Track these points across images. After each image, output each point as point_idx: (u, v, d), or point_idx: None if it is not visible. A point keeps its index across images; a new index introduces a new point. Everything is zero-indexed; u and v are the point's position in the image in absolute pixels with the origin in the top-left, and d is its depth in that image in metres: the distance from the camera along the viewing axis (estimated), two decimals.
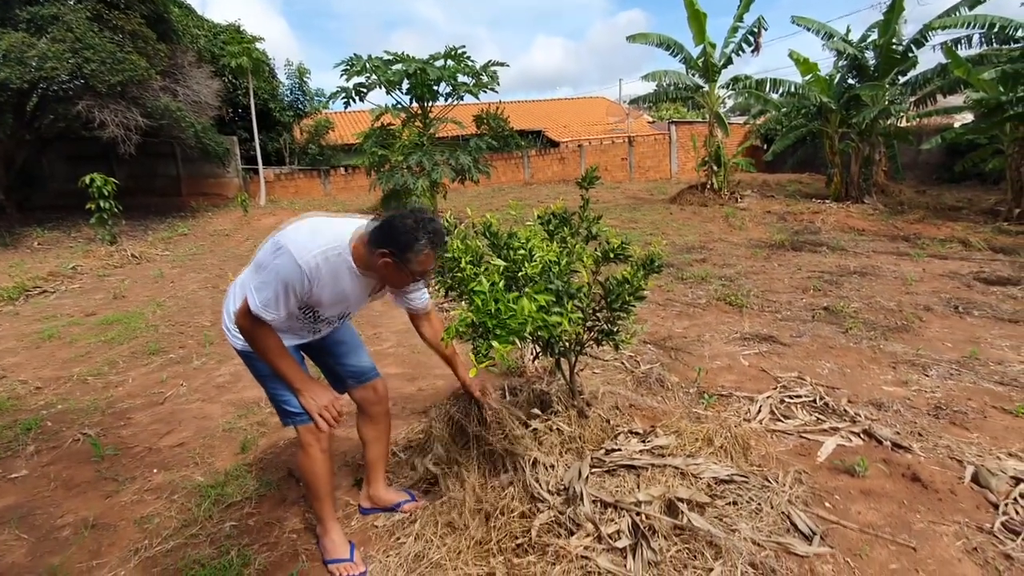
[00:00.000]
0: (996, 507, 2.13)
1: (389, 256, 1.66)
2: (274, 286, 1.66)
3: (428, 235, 1.66)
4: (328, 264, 1.70)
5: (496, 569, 1.80)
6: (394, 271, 1.70)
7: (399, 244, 1.65)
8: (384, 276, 1.76)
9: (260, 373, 1.90)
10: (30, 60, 9.78)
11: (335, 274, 1.73)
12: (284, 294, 1.67)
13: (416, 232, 1.65)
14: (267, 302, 1.67)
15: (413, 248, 1.65)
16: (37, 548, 2.19)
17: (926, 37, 10.76)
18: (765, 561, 1.83)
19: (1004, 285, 5.51)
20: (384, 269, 1.70)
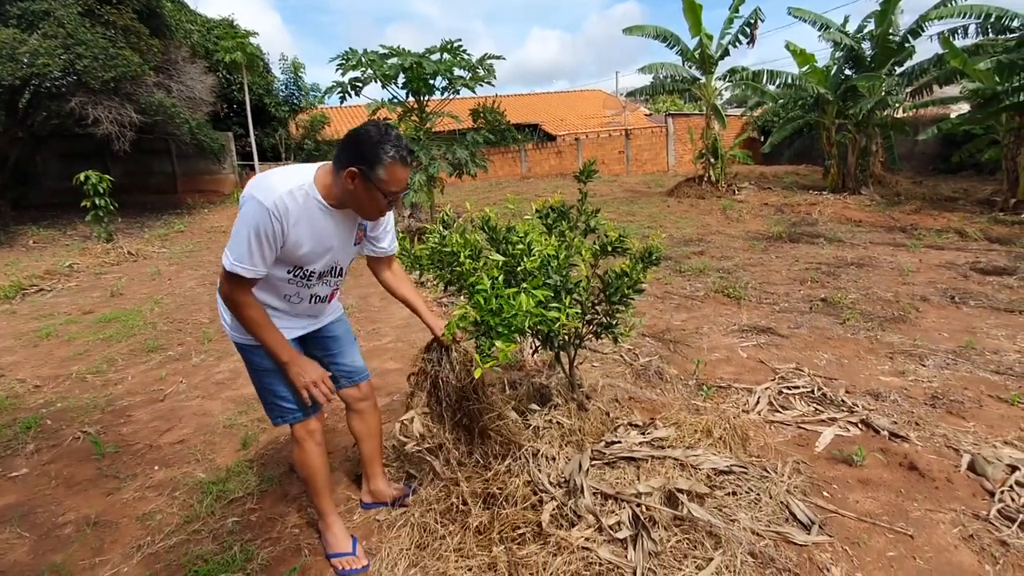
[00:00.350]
0: (992, 495, 2.15)
1: (357, 172, 1.58)
2: (245, 236, 1.57)
3: (394, 145, 1.58)
4: (296, 202, 1.61)
5: (498, 559, 1.81)
6: (363, 190, 1.61)
7: (365, 156, 1.57)
8: (354, 201, 1.66)
9: (256, 367, 1.84)
10: (21, 56, 9.69)
11: (307, 214, 1.64)
12: (257, 242, 1.57)
13: (381, 142, 1.57)
14: (240, 256, 1.58)
15: (380, 159, 1.57)
16: (39, 546, 2.20)
17: (922, 27, 10.75)
18: (764, 550, 1.84)
19: (1000, 275, 5.53)
20: (353, 191, 1.62)
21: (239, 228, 1.59)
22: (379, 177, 1.59)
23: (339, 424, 3.01)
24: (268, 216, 1.56)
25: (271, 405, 1.89)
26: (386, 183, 1.61)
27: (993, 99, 9.25)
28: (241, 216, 1.59)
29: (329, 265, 1.82)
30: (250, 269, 1.60)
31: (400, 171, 1.62)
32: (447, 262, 2.24)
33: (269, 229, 1.58)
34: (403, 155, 1.61)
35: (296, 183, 1.63)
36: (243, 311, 1.67)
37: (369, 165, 1.58)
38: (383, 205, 1.67)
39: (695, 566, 1.76)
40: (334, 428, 3.00)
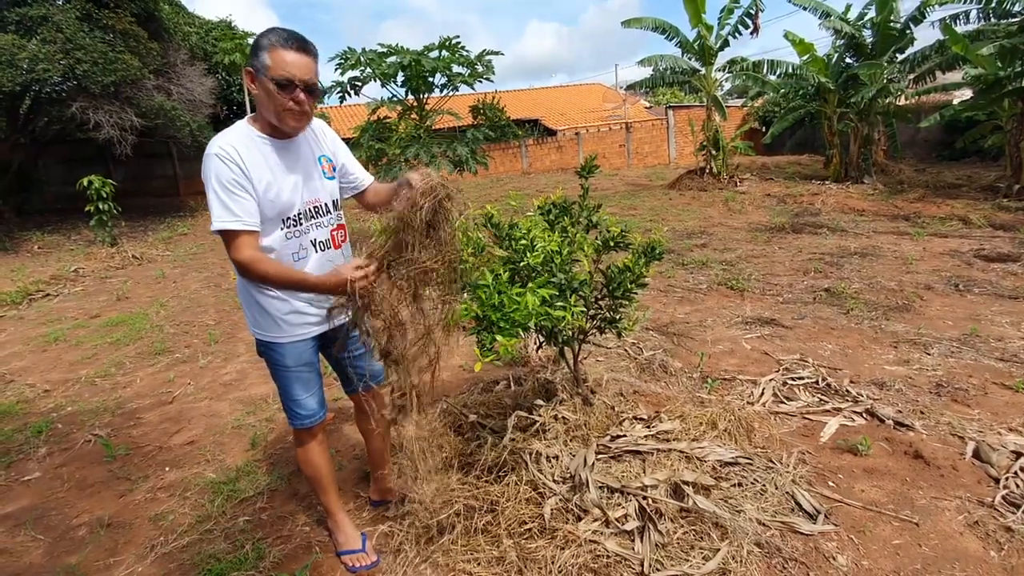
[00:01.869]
0: (997, 481, 2.16)
1: (250, 70, 1.58)
2: (212, 191, 1.57)
3: (276, 33, 1.58)
4: (240, 142, 1.61)
5: (507, 554, 1.83)
6: (262, 90, 1.59)
7: (252, 54, 1.59)
8: (265, 108, 1.62)
9: (275, 364, 1.86)
10: (21, 62, 9.72)
11: (256, 151, 1.64)
12: (225, 191, 1.56)
13: (265, 35, 1.58)
14: (218, 213, 1.56)
15: (262, 47, 1.56)
16: (54, 548, 2.23)
17: (924, 14, 10.67)
18: (771, 540, 1.86)
19: (1004, 262, 5.51)
20: (258, 95, 1.60)
21: (207, 189, 1.58)
22: (265, 65, 1.56)
23: (347, 423, 3.04)
24: (220, 161, 1.56)
25: (285, 406, 1.93)
26: (272, 68, 1.55)
27: (996, 84, 9.18)
28: (204, 180, 1.59)
29: (308, 202, 1.76)
30: (235, 220, 1.57)
31: (285, 54, 1.56)
32: None
33: (227, 173, 1.56)
34: (285, 38, 1.57)
35: (234, 130, 1.66)
36: (258, 268, 1.59)
37: (255, 57, 1.57)
38: (287, 100, 1.59)
39: (702, 557, 1.78)
40: (340, 428, 3.03)
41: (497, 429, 2.47)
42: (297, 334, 1.82)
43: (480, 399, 2.82)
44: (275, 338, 1.80)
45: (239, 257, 1.59)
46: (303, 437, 1.95)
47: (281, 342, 1.81)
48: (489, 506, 2.04)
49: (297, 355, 1.84)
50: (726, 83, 12.84)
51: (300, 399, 1.88)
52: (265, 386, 3.66)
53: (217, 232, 1.58)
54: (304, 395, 1.88)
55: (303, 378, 1.88)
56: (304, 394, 1.88)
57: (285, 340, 1.81)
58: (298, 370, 1.86)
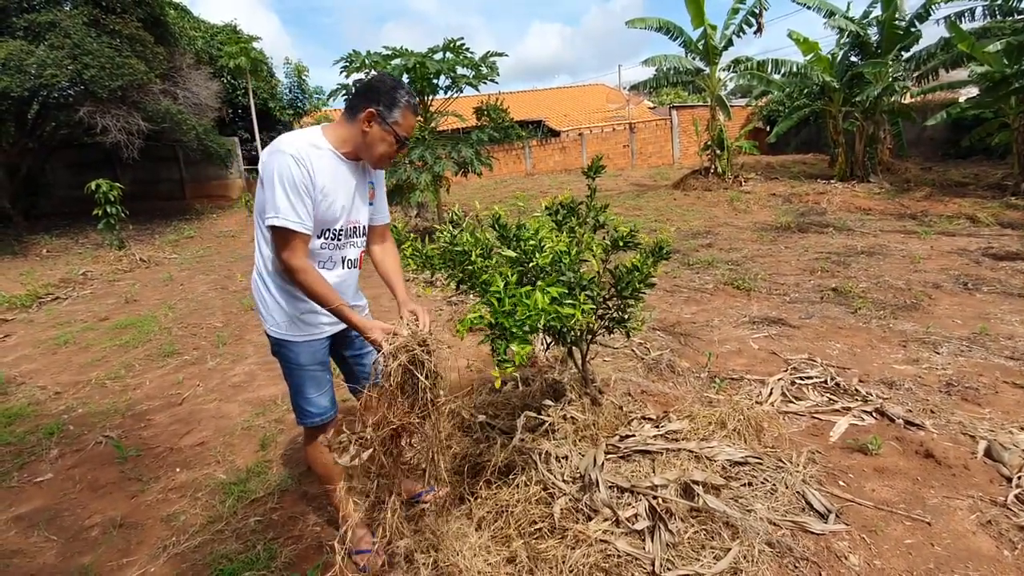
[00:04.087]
0: (1009, 480, 2.15)
1: (375, 112, 1.68)
2: (280, 189, 1.62)
3: (407, 92, 1.71)
4: (316, 151, 1.69)
5: (518, 553, 1.84)
6: (378, 133, 1.71)
7: (382, 99, 1.69)
8: (367, 146, 1.74)
9: (289, 362, 1.89)
10: (29, 68, 9.80)
11: (327, 162, 1.71)
12: (294, 192, 1.62)
13: (397, 88, 1.71)
14: (282, 209, 1.61)
15: (396, 102, 1.69)
16: (67, 548, 2.25)
17: (929, 11, 10.62)
18: (782, 540, 1.86)
19: (1013, 260, 5.48)
20: (369, 133, 1.71)
21: (272, 184, 1.63)
22: (395, 119, 1.71)
23: (352, 423, 3.04)
24: (295, 162, 1.63)
25: (296, 405, 1.95)
26: (400, 126, 1.71)
27: (1002, 82, 9.12)
28: (269, 174, 1.64)
29: (351, 222, 1.86)
30: (296, 222, 1.63)
31: (411, 118, 1.74)
32: (458, 261, 2.26)
33: (299, 175, 1.63)
34: (414, 103, 1.74)
35: (309, 137, 1.72)
36: (306, 277, 1.68)
37: (387, 107, 1.69)
38: (393, 151, 1.77)
39: (713, 556, 1.78)
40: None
41: (506, 429, 2.48)
42: (312, 333, 1.87)
43: (488, 399, 2.82)
44: (291, 336, 1.84)
45: (294, 261, 1.67)
46: (313, 436, 1.97)
47: (297, 340, 1.85)
48: (499, 508, 2.04)
49: (311, 354, 1.88)
50: (730, 82, 12.85)
51: (312, 397, 1.92)
52: (274, 387, 3.68)
53: (275, 228, 1.64)
54: (316, 394, 1.92)
55: (316, 377, 1.91)
56: (316, 393, 1.92)
57: (300, 339, 1.85)
58: (312, 369, 1.89)
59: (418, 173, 7.82)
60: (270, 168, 1.64)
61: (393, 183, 8.18)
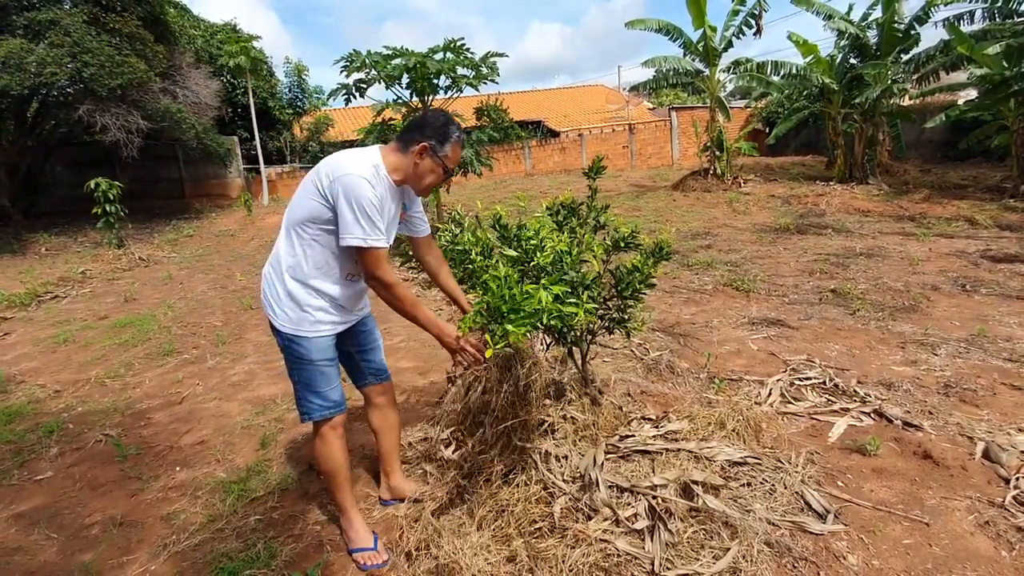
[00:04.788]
0: (1007, 481, 2.16)
1: (428, 147, 1.81)
2: (362, 210, 1.71)
3: (457, 127, 1.86)
4: (380, 176, 1.79)
5: (518, 552, 1.84)
6: (429, 163, 1.83)
7: (437, 133, 1.83)
8: (417, 175, 1.86)
9: (300, 358, 1.91)
10: (29, 66, 9.80)
11: (384, 187, 1.81)
12: (376, 211, 1.73)
13: (449, 123, 1.85)
14: (371, 232, 1.73)
15: (449, 137, 1.83)
16: (67, 546, 2.25)
17: (928, 13, 10.65)
18: (781, 540, 1.87)
19: (1011, 262, 5.50)
20: (420, 164, 1.83)
21: (351, 207, 1.71)
22: (445, 153, 1.84)
23: (354, 423, 3.05)
24: (370, 185, 1.73)
25: (303, 399, 1.95)
26: (449, 159, 1.86)
27: (1001, 84, 9.15)
28: (346, 195, 1.71)
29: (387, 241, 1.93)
30: (382, 239, 1.76)
31: (459, 151, 1.90)
32: (459, 260, 2.27)
33: (375, 196, 1.74)
34: (463, 138, 1.91)
35: (372, 160, 1.82)
36: (397, 291, 1.82)
37: (439, 142, 1.83)
38: (439, 180, 1.91)
39: (712, 556, 1.79)
40: (348, 427, 3.04)
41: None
42: (323, 330, 1.90)
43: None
44: (304, 332, 1.87)
45: (384, 277, 1.81)
46: (324, 430, 1.98)
47: (309, 336, 1.88)
48: (499, 507, 2.05)
49: (322, 349, 1.91)
50: (729, 84, 12.86)
51: (323, 391, 1.94)
52: (274, 387, 3.69)
53: (365, 249, 1.75)
54: (327, 388, 1.94)
55: (326, 372, 1.94)
56: (327, 387, 1.94)
57: (313, 334, 1.88)
58: (322, 364, 1.92)
59: None
60: (345, 188, 1.71)
61: None
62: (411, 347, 4.27)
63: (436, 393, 3.36)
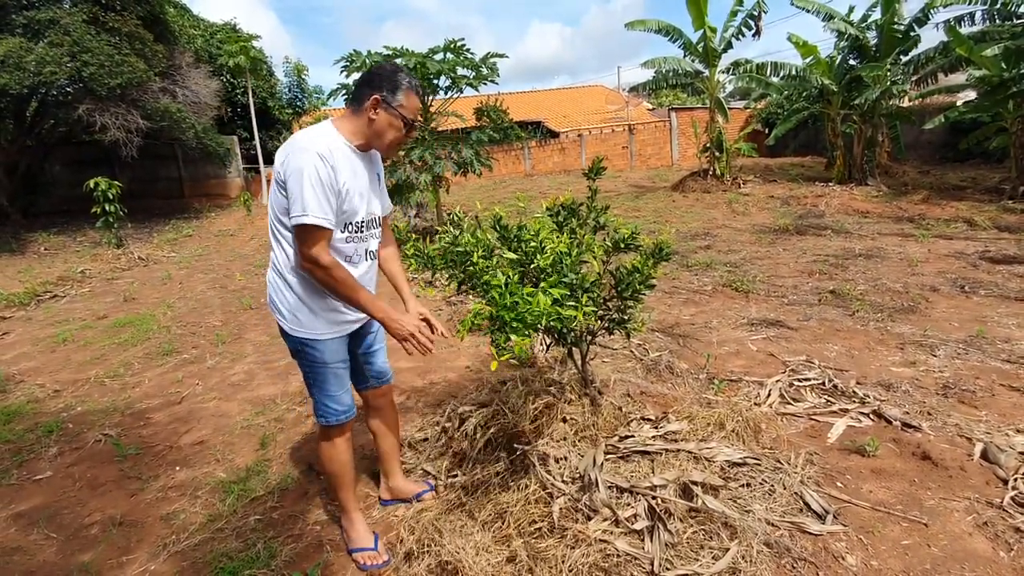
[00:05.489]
0: (1005, 482, 2.16)
1: (379, 99, 1.72)
2: (306, 185, 1.62)
3: (408, 75, 1.75)
4: (335, 146, 1.71)
5: (518, 552, 1.84)
6: (385, 119, 1.74)
7: (387, 82, 1.73)
8: (376, 133, 1.77)
9: (313, 361, 1.88)
10: (28, 65, 9.79)
11: (345, 157, 1.74)
12: (320, 188, 1.64)
13: (397, 71, 1.75)
14: (308, 207, 1.62)
15: (400, 84, 1.73)
16: (67, 546, 2.25)
17: (928, 15, 10.67)
18: (780, 540, 1.87)
19: (1010, 264, 5.51)
20: (376, 120, 1.74)
21: (297, 181, 1.63)
22: (399, 102, 1.74)
23: (356, 423, 3.05)
24: (319, 159, 1.64)
25: (320, 404, 1.94)
26: (405, 108, 1.74)
27: (1000, 86, 9.18)
28: (293, 172, 1.64)
29: (369, 213, 1.88)
30: (321, 218, 1.64)
31: (415, 99, 1.77)
32: (459, 261, 2.27)
33: (323, 171, 1.64)
34: (416, 84, 1.78)
35: (325, 133, 1.75)
36: (332, 274, 1.69)
37: (390, 91, 1.73)
38: (402, 135, 1.79)
39: (712, 556, 1.79)
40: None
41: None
42: (335, 331, 1.89)
43: (488, 399, 2.83)
44: (316, 335, 1.85)
45: (322, 257, 1.68)
46: (333, 434, 1.97)
47: (322, 338, 1.86)
48: (499, 508, 2.05)
49: (334, 351, 1.89)
50: (729, 85, 12.86)
51: (336, 395, 1.93)
52: (273, 387, 3.69)
53: (303, 226, 1.64)
54: (340, 391, 1.94)
55: (339, 374, 1.93)
56: (340, 390, 1.94)
57: (326, 336, 1.86)
58: (335, 366, 1.91)
59: (418, 173, 7.83)
60: (293, 167, 1.65)
61: (393, 183, 8.18)
62: None
63: (436, 394, 3.37)
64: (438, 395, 3.33)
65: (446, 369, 3.77)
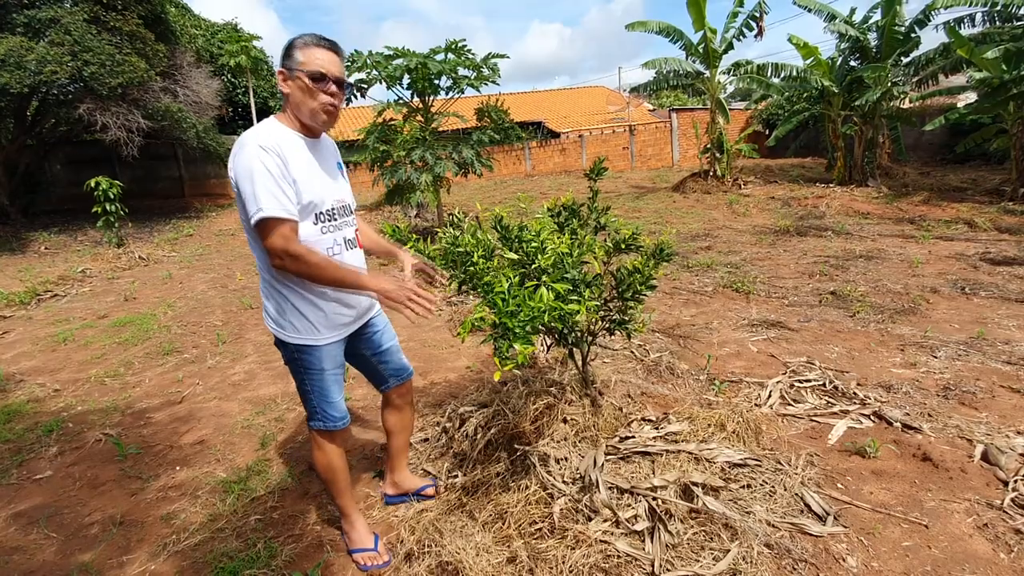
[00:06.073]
0: (1006, 484, 2.16)
1: (281, 70, 1.67)
2: (260, 180, 1.56)
3: (308, 34, 1.68)
4: (279, 137, 1.65)
5: (518, 553, 1.84)
6: (295, 87, 1.66)
7: (283, 57, 1.67)
8: (293, 103, 1.69)
9: (307, 367, 1.84)
10: (29, 64, 9.79)
11: (291, 145, 1.67)
12: (271, 180, 1.57)
13: (294, 40, 1.68)
14: (264, 202, 1.55)
15: (294, 46, 1.66)
16: (67, 546, 2.25)
17: (929, 16, 10.67)
18: (780, 541, 1.87)
19: (1010, 265, 5.51)
20: (291, 93, 1.67)
21: (247, 179, 1.57)
22: (298, 61, 1.65)
23: (352, 423, 3.05)
24: (264, 151, 1.58)
25: (317, 411, 1.89)
26: (305, 63, 1.65)
27: (1001, 88, 9.17)
28: (241, 171, 1.58)
29: (337, 200, 1.82)
30: (280, 208, 1.57)
31: (317, 51, 1.66)
32: (460, 262, 2.27)
33: (270, 161, 1.58)
34: (317, 38, 1.67)
35: (267, 125, 1.70)
36: (307, 260, 1.60)
37: (286, 58, 1.66)
38: (322, 96, 1.67)
39: (712, 557, 1.79)
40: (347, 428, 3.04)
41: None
42: (331, 335, 1.84)
43: (488, 399, 2.83)
44: (313, 341, 1.79)
45: (290, 248, 1.59)
46: (326, 440, 1.93)
47: (319, 344, 1.81)
48: (500, 509, 2.05)
49: (333, 356, 1.86)
50: (730, 86, 12.84)
51: (335, 401, 1.90)
52: (273, 387, 3.69)
53: (261, 221, 1.57)
54: (338, 397, 1.91)
55: (338, 379, 1.91)
56: (338, 396, 1.91)
57: (323, 342, 1.82)
58: (333, 372, 1.88)
59: (418, 174, 7.83)
60: (240, 166, 1.59)
61: (393, 183, 8.19)
62: (411, 347, 4.27)
63: (437, 394, 3.37)
64: (438, 395, 3.33)
65: (446, 369, 3.77)
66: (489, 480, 2.22)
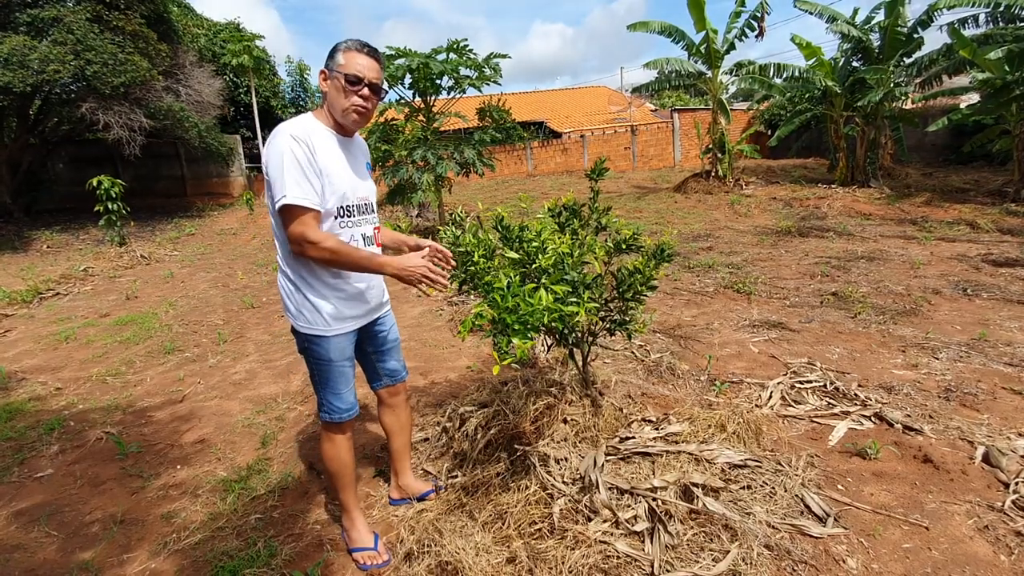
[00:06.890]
0: (1007, 486, 2.16)
1: (323, 70, 1.78)
2: (286, 167, 1.64)
3: (350, 39, 1.79)
4: (312, 130, 1.74)
5: (518, 553, 1.84)
6: (333, 86, 1.76)
7: (327, 59, 1.77)
8: (330, 101, 1.79)
9: (319, 359, 1.89)
10: (32, 63, 9.82)
11: (322, 139, 1.76)
12: (298, 169, 1.65)
13: (338, 43, 1.79)
14: (289, 188, 1.63)
15: (337, 49, 1.77)
16: (68, 544, 2.25)
17: (932, 17, 10.65)
18: (780, 543, 1.87)
19: (1012, 267, 5.50)
20: (328, 92, 1.78)
21: (276, 166, 1.66)
22: (338, 63, 1.75)
23: (355, 424, 3.05)
24: (294, 141, 1.66)
25: (324, 401, 1.94)
26: (345, 66, 1.74)
27: (1003, 89, 9.15)
28: (271, 158, 1.67)
29: (360, 197, 1.89)
30: (302, 197, 1.65)
31: (358, 56, 1.76)
32: (461, 261, 2.27)
33: (299, 151, 1.66)
34: (360, 44, 1.78)
35: (302, 119, 1.78)
36: (324, 246, 1.68)
37: (330, 59, 1.77)
38: (356, 97, 1.77)
39: (712, 558, 1.79)
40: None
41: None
42: (342, 328, 1.88)
43: (489, 399, 2.83)
44: (322, 331, 1.85)
45: (310, 235, 1.67)
46: (335, 432, 1.98)
47: (327, 335, 1.86)
48: (500, 509, 2.05)
49: (341, 349, 1.90)
50: (732, 86, 12.79)
51: (342, 393, 1.93)
52: (275, 385, 3.69)
53: (284, 208, 1.65)
54: (345, 389, 1.94)
55: (345, 372, 1.93)
56: (345, 388, 1.94)
57: (331, 333, 1.86)
58: (341, 364, 1.91)
59: (420, 173, 7.84)
60: (271, 153, 1.68)
61: (395, 183, 8.19)
62: (411, 347, 4.27)
63: (437, 394, 3.37)
64: (439, 395, 3.33)
65: (447, 369, 3.77)
66: (489, 480, 2.22)
